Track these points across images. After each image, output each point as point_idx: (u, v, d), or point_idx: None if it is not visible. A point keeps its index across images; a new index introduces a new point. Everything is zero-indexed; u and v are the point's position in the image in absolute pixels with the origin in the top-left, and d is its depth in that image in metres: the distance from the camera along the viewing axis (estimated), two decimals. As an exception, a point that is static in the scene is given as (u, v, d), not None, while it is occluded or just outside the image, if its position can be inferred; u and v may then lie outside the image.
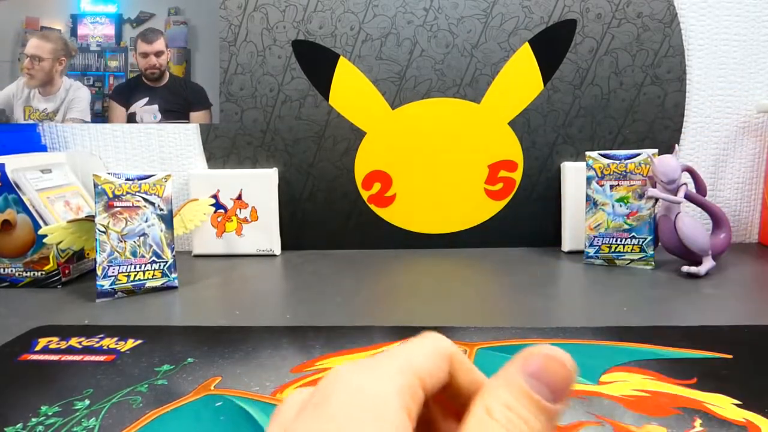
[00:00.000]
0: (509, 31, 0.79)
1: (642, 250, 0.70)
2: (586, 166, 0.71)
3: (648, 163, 0.69)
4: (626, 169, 0.69)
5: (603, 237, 0.71)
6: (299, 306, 0.61)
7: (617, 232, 0.70)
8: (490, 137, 0.82)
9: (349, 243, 0.86)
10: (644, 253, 0.70)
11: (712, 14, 0.79)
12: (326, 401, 0.20)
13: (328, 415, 0.21)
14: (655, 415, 0.36)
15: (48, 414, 0.39)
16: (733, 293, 0.60)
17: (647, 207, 0.70)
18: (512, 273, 0.71)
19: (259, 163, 0.85)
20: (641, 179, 0.69)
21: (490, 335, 0.50)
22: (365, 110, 0.82)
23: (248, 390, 0.41)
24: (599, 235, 0.71)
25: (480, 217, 0.84)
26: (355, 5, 0.80)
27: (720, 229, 0.70)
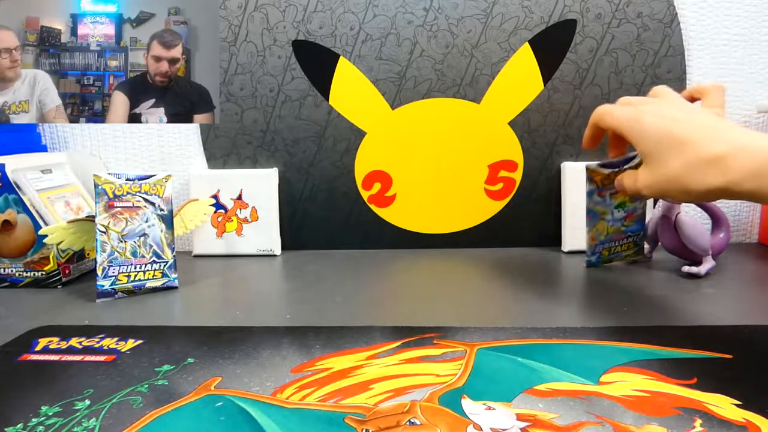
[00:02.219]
0: (509, 31, 0.79)
1: (636, 244, 0.71)
2: (586, 180, 0.66)
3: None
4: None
5: (603, 243, 0.70)
6: (299, 306, 0.61)
7: (616, 235, 0.70)
8: (490, 137, 0.82)
9: (349, 243, 0.86)
10: (638, 246, 0.71)
11: (712, 14, 0.79)
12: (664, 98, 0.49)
13: (670, 101, 0.48)
14: (655, 415, 0.36)
15: (48, 414, 0.39)
16: (733, 293, 0.61)
17: (641, 206, 0.70)
18: (512, 273, 0.71)
19: (259, 163, 0.85)
20: None
21: (490, 335, 0.50)
22: (365, 110, 0.82)
23: (248, 390, 0.41)
24: (599, 243, 0.70)
25: (480, 217, 0.84)
26: (355, 5, 0.80)
27: (719, 229, 0.70)
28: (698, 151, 0.42)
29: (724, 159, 0.40)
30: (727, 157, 0.40)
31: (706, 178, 0.41)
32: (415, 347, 0.48)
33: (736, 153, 0.40)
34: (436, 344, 0.48)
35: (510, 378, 0.42)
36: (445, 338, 0.49)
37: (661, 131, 0.44)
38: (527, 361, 0.44)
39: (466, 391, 0.40)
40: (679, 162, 0.43)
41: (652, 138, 0.45)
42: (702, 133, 0.42)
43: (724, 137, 0.41)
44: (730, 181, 0.40)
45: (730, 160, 0.40)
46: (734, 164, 0.40)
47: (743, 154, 0.40)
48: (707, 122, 0.43)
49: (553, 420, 0.36)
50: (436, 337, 0.50)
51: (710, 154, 0.41)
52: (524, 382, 0.41)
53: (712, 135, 0.42)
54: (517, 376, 0.42)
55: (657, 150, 0.44)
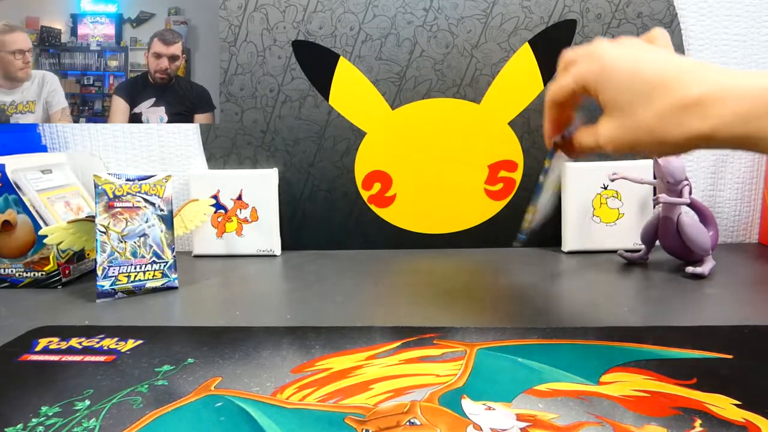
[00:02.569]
0: (509, 31, 0.79)
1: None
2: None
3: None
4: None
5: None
6: (299, 306, 0.61)
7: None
8: (490, 137, 0.82)
9: (349, 243, 0.86)
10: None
11: (712, 14, 0.79)
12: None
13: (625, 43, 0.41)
14: (655, 416, 0.36)
15: (48, 414, 0.39)
16: (733, 293, 0.61)
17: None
18: (512, 273, 0.71)
19: (259, 163, 0.85)
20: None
21: (490, 335, 0.50)
22: (365, 110, 0.82)
23: (248, 390, 0.41)
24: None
25: (480, 217, 0.84)
26: (355, 5, 0.80)
27: (708, 227, 0.70)
28: (674, 94, 0.36)
29: (704, 101, 0.35)
30: (707, 100, 0.35)
31: (685, 124, 0.35)
32: (415, 347, 0.48)
33: (719, 94, 0.34)
34: (436, 344, 0.48)
35: (510, 378, 0.42)
36: (445, 338, 0.49)
37: (627, 74, 0.38)
38: (527, 362, 0.44)
39: (466, 392, 0.40)
40: (651, 109, 0.36)
41: (616, 82, 0.38)
42: (676, 75, 0.36)
43: (702, 77, 0.35)
44: (713, 127, 0.34)
45: (711, 102, 0.34)
46: (717, 108, 0.34)
47: (727, 95, 0.34)
48: (680, 62, 0.37)
49: (553, 420, 0.36)
50: (436, 338, 0.50)
51: (688, 97, 0.35)
52: (524, 382, 0.41)
53: (689, 76, 0.36)
54: (517, 377, 0.42)
55: (623, 97, 0.38)
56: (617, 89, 0.38)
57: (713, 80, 0.35)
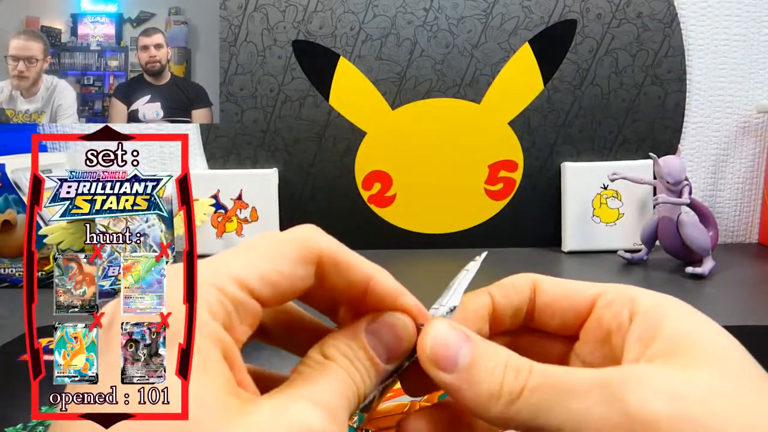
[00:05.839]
0: (509, 31, 0.79)
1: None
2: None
3: None
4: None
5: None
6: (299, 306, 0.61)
7: None
8: (490, 137, 0.82)
9: (349, 243, 0.85)
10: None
11: (712, 14, 0.79)
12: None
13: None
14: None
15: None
16: (733, 293, 0.61)
17: None
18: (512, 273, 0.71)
19: (259, 163, 0.85)
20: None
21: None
22: (365, 110, 0.82)
23: (248, 390, 0.41)
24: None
25: (480, 217, 0.84)
26: (355, 5, 0.80)
27: (708, 227, 0.70)
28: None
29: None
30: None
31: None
32: (415, 347, 0.48)
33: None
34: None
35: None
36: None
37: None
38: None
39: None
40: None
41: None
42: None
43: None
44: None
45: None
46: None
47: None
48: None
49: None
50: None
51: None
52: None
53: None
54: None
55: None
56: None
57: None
